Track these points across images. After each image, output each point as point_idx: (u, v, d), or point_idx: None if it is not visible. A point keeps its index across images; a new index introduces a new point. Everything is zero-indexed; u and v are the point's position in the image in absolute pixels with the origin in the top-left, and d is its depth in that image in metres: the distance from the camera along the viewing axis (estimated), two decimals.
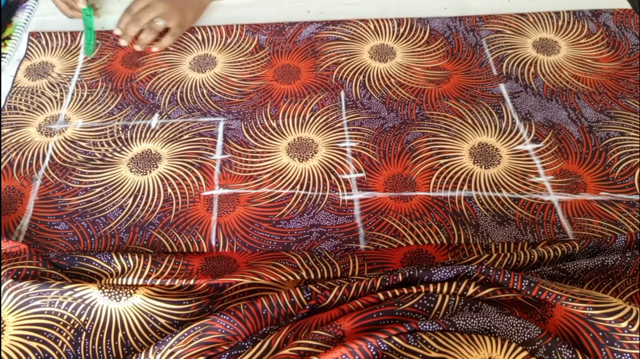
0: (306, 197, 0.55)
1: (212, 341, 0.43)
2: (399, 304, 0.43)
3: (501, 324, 0.41)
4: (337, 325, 0.42)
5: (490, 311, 0.42)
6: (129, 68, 0.68)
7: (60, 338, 0.45)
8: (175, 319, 0.46)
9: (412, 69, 0.67)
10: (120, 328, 0.46)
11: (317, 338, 0.41)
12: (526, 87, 0.64)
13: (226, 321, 0.43)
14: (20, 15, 0.76)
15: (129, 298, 0.46)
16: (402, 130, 0.61)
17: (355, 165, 0.58)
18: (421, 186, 0.56)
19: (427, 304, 0.43)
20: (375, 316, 0.42)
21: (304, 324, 0.43)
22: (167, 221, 0.53)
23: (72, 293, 0.46)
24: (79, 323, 0.46)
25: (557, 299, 0.41)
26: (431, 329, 0.41)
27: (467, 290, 0.43)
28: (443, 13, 0.74)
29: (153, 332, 0.45)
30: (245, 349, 0.42)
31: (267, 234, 0.52)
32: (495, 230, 0.52)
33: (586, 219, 0.52)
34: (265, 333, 0.43)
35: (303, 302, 0.44)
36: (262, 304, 0.44)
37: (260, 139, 0.60)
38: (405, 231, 0.52)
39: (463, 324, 0.41)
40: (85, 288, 0.46)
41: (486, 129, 0.60)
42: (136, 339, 0.45)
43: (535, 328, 0.41)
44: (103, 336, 0.45)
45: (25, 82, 0.67)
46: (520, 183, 0.55)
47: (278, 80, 0.66)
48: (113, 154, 0.59)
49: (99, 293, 0.46)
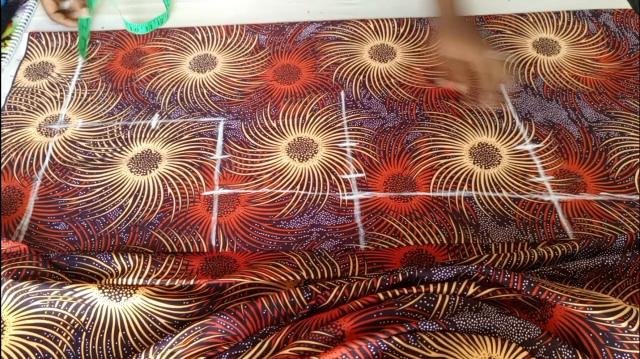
0: (306, 197, 0.55)
1: (212, 341, 0.43)
2: (399, 304, 0.43)
3: (501, 324, 0.42)
4: (337, 325, 0.42)
5: (490, 311, 0.42)
6: (129, 68, 0.68)
7: (60, 338, 0.45)
8: (175, 320, 0.46)
9: (412, 69, 0.67)
10: (120, 328, 0.46)
11: (317, 338, 0.41)
12: (526, 87, 0.64)
13: (226, 321, 0.43)
14: (20, 15, 0.76)
15: (129, 298, 0.46)
16: (402, 130, 0.61)
17: (355, 165, 0.58)
18: (421, 186, 0.56)
19: (427, 304, 0.43)
20: (375, 316, 0.42)
21: (304, 324, 0.43)
22: (167, 221, 0.53)
23: (72, 292, 0.46)
24: (79, 323, 0.46)
25: (557, 299, 0.41)
26: (431, 329, 0.41)
27: (467, 290, 0.43)
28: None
29: (153, 332, 0.45)
30: (245, 349, 0.42)
31: (267, 234, 0.52)
32: (495, 230, 0.52)
33: (586, 219, 0.52)
34: (265, 333, 0.43)
35: (303, 302, 0.44)
36: (262, 304, 0.44)
37: (260, 139, 0.60)
38: (405, 231, 0.52)
39: (463, 324, 0.41)
40: (85, 288, 0.46)
41: (486, 129, 0.60)
42: (136, 339, 0.45)
43: (535, 328, 0.41)
44: (103, 336, 0.45)
45: (25, 82, 0.67)
46: (521, 183, 0.55)
47: (278, 81, 0.66)
48: (113, 154, 0.59)
49: (99, 293, 0.46)
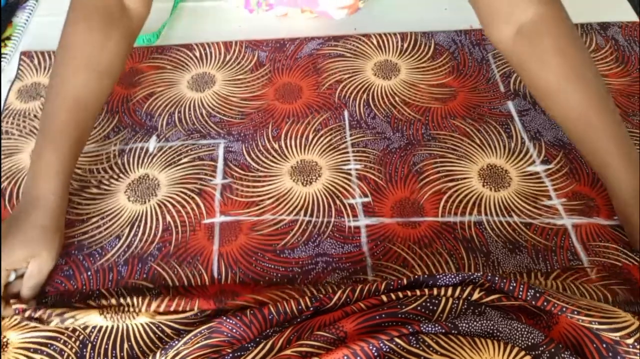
0: (311, 223, 0.53)
1: (217, 344, 0.43)
2: (402, 306, 0.42)
3: (505, 328, 0.41)
4: (339, 326, 0.41)
5: (493, 314, 0.42)
6: (125, 88, 0.66)
7: (65, 350, 0.45)
8: (181, 329, 0.45)
9: (416, 87, 0.65)
10: (126, 338, 0.45)
11: (319, 339, 0.41)
12: (535, 104, 0.63)
13: (232, 324, 0.43)
14: (20, 15, 0.75)
15: (133, 321, 0.45)
16: (408, 151, 0.59)
17: (361, 189, 0.56)
18: (429, 210, 0.54)
19: (430, 307, 0.42)
20: (377, 317, 0.42)
21: (307, 326, 0.43)
22: (166, 251, 0.51)
23: (74, 320, 0.45)
24: (84, 335, 0.46)
25: (562, 311, 0.41)
26: (433, 332, 0.41)
27: (472, 295, 0.43)
28: (443, 13, 0.74)
29: (159, 342, 0.45)
30: (248, 351, 0.42)
31: (271, 264, 0.50)
32: (507, 258, 0.50)
33: (602, 244, 0.51)
34: (268, 335, 0.43)
35: (309, 306, 0.44)
36: (270, 310, 0.44)
37: (262, 162, 0.59)
38: (414, 260, 0.50)
39: (466, 327, 0.41)
40: (86, 314, 0.45)
41: (495, 149, 0.59)
42: (142, 350, 0.45)
43: (538, 334, 0.40)
44: (109, 347, 0.45)
45: (17, 105, 0.64)
46: (532, 207, 0.54)
47: (279, 100, 0.64)
48: (110, 181, 0.57)
49: (102, 319, 0.45)
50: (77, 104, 0.51)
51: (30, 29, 0.74)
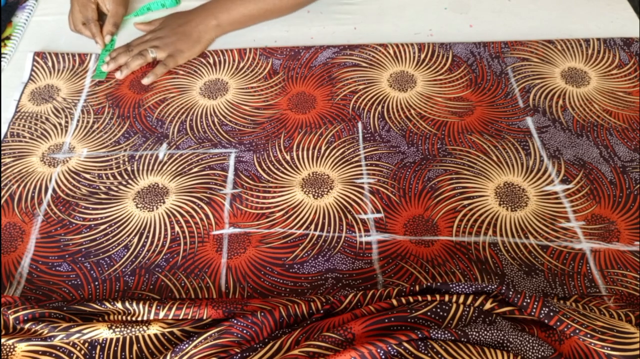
0: (321, 238, 0.52)
1: (226, 344, 0.42)
2: (411, 311, 0.42)
3: (515, 339, 0.40)
4: (347, 328, 0.41)
5: (504, 325, 0.41)
6: (137, 93, 0.65)
7: (74, 352, 0.44)
8: (191, 331, 0.45)
9: (433, 99, 0.64)
10: (135, 340, 0.45)
11: (327, 340, 0.41)
12: (554, 121, 0.61)
13: (242, 326, 0.43)
14: (20, 15, 0.75)
15: (143, 333, 0.45)
16: (423, 166, 0.57)
17: (373, 204, 0.55)
18: (443, 229, 0.52)
19: (441, 313, 0.42)
20: (387, 321, 0.42)
21: (316, 327, 0.43)
22: (174, 262, 0.51)
23: (80, 335, 0.44)
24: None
25: (575, 333, 0.40)
26: (443, 338, 0.40)
27: (484, 305, 0.42)
28: (443, 13, 0.73)
29: (168, 344, 0.45)
30: (256, 351, 0.41)
31: (280, 279, 0.49)
32: (522, 281, 0.49)
33: (620, 272, 0.49)
34: (277, 335, 0.43)
35: (319, 309, 0.44)
36: (280, 313, 0.43)
37: (273, 173, 0.58)
38: (427, 280, 0.49)
39: (476, 336, 0.40)
40: (94, 328, 0.44)
41: (512, 167, 0.57)
42: (151, 352, 0.44)
43: (549, 347, 0.40)
44: (118, 349, 0.45)
45: (29, 107, 0.64)
46: (549, 229, 0.52)
47: (292, 109, 0.63)
48: (118, 188, 0.56)
49: (110, 332, 0.44)
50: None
51: (30, 29, 0.74)
